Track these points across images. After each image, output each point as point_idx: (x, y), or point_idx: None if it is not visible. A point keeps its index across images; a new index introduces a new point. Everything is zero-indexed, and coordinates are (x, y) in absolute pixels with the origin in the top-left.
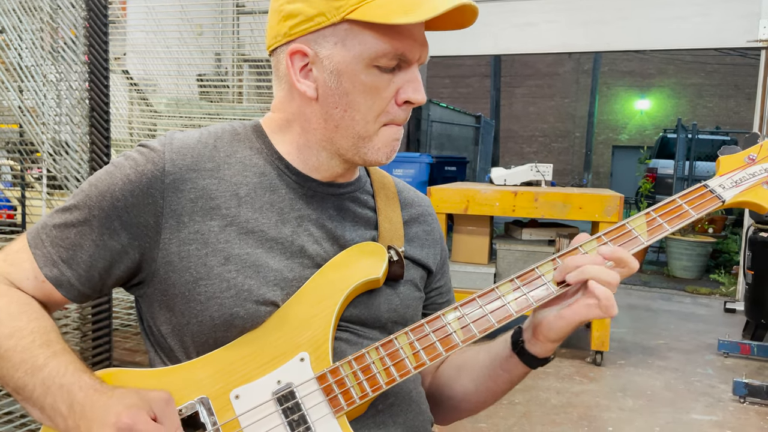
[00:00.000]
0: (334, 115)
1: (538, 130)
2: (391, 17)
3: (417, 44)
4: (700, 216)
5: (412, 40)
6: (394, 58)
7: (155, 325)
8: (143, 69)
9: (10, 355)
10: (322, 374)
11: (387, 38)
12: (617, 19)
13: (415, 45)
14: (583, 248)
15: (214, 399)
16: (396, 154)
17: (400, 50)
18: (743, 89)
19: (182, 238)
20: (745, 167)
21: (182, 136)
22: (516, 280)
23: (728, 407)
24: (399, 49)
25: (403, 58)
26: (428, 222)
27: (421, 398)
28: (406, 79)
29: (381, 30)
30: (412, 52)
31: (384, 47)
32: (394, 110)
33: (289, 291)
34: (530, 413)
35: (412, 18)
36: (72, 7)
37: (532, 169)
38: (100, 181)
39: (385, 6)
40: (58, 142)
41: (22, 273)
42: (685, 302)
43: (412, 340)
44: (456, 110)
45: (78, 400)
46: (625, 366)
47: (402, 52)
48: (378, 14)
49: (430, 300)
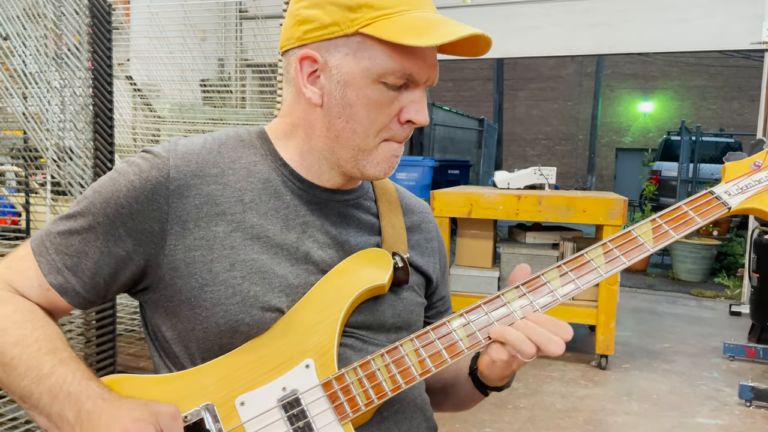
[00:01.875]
0: (336, 125)
1: (541, 133)
2: (404, 37)
3: (426, 66)
4: (706, 223)
5: (422, 61)
6: (401, 77)
7: (160, 331)
8: (147, 75)
9: (15, 364)
10: (328, 381)
11: (397, 57)
12: (620, 22)
13: (425, 67)
14: (588, 255)
15: (220, 406)
16: (394, 170)
17: (409, 70)
18: (747, 91)
19: (187, 244)
20: (751, 174)
21: (186, 142)
22: (522, 287)
23: (734, 411)
24: (408, 69)
25: (410, 78)
26: (429, 230)
27: (426, 405)
28: (411, 99)
29: (392, 48)
30: (421, 73)
31: (393, 65)
32: (395, 127)
33: (294, 297)
34: (535, 417)
35: (424, 41)
36: (76, 14)
37: (536, 173)
38: (104, 187)
39: (400, 25)
40: (62, 148)
41: (27, 281)
42: (690, 305)
43: (418, 347)
44: (459, 113)
45: (86, 409)
46: (630, 370)
47: (410, 73)
48: (392, 32)
49: (434, 309)
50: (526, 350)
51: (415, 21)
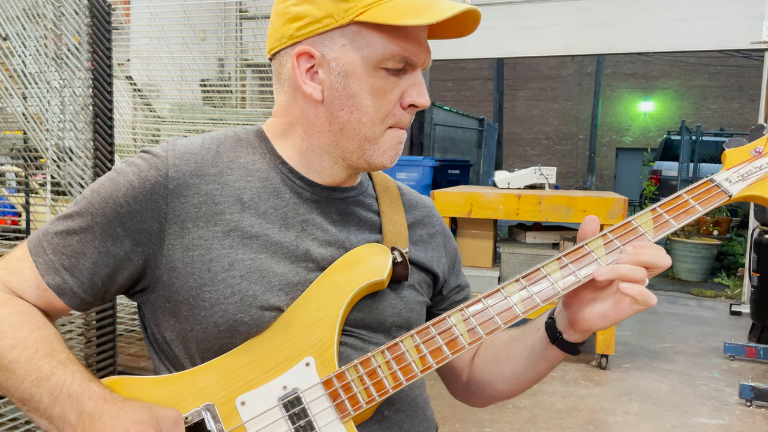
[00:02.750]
0: (340, 117)
1: (541, 132)
2: (401, 19)
3: (422, 49)
4: (707, 211)
5: (418, 44)
6: (401, 60)
7: (159, 332)
8: (147, 75)
9: (14, 367)
10: (328, 379)
11: (395, 41)
12: (620, 21)
13: (421, 49)
14: (588, 246)
15: (220, 406)
16: (399, 157)
17: (407, 53)
18: (747, 90)
19: (186, 243)
20: (752, 160)
21: (185, 141)
22: (522, 280)
23: (735, 411)
24: (406, 51)
25: (409, 61)
26: (432, 224)
27: (426, 404)
28: (411, 83)
29: (389, 32)
30: (418, 55)
31: (392, 49)
32: (399, 113)
33: (294, 295)
34: (535, 417)
35: (422, 20)
36: (75, 14)
37: (536, 172)
38: (102, 187)
39: (395, 8)
40: (62, 149)
41: (24, 281)
42: (690, 305)
43: (418, 343)
44: (459, 113)
45: (87, 410)
46: (631, 369)
47: (408, 55)
48: (388, 16)
49: (449, 300)
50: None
51: (407, 3)
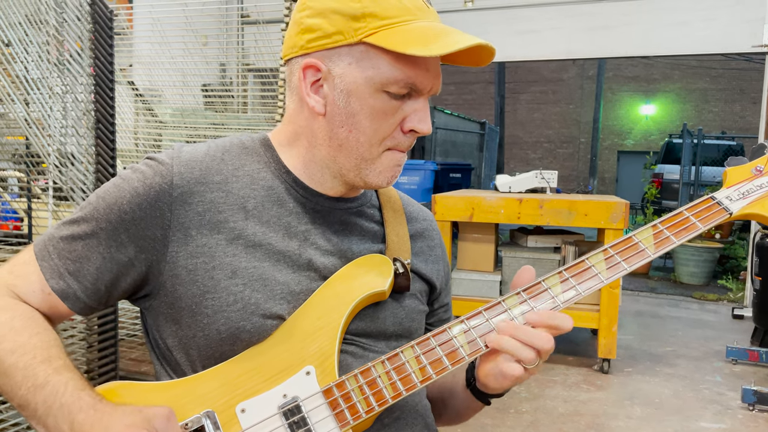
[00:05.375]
0: (339, 134)
1: (542, 136)
2: (408, 47)
3: (430, 75)
4: (708, 228)
5: (426, 70)
6: (405, 86)
7: (161, 338)
8: (149, 80)
9: (12, 372)
10: (328, 388)
11: (401, 66)
12: (622, 25)
13: (428, 76)
14: (589, 261)
15: (220, 413)
16: (397, 179)
17: (412, 80)
18: (749, 94)
19: (189, 251)
20: (753, 179)
21: (190, 149)
22: (522, 293)
23: (737, 415)
24: (411, 78)
25: (414, 87)
26: (432, 237)
27: (427, 412)
28: (414, 108)
29: (396, 57)
30: (424, 82)
31: (397, 74)
32: (399, 136)
33: (295, 304)
34: (537, 422)
35: (429, 51)
36: (78, 20)
37: (537, 176)
38: (107, 193)
39: (405, 35)
40: (64, 154)
41: (29, 285)
42: (692, 308)
43: (419, 354)
44: (461, 117)
45: (78, 421)
46: (633, 374)
47: (414, 82)
48: (396, 42)
49: (436, 316)
50: (526, 356)
51: (419, 31)
